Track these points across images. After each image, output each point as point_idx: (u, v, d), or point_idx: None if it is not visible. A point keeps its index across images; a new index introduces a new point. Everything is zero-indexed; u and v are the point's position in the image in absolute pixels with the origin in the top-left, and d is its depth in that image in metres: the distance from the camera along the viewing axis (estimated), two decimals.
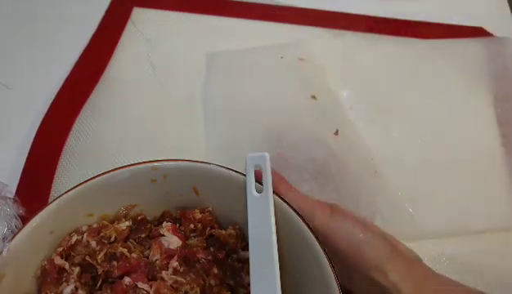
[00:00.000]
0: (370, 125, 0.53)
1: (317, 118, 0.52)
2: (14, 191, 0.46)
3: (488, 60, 0.59)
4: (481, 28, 0.64)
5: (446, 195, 0.48)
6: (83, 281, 0.35)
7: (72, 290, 0.34)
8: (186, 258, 0.36)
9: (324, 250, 0.32)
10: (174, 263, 0.35)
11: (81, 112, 0.53)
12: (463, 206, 0.47)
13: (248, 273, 0.35)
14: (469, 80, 0.57)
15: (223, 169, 0.37)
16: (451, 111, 0.55)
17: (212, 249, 0.37)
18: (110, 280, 0.34)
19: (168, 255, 0.35)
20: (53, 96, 0.55)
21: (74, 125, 0.52)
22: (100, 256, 0.35)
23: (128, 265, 0.34)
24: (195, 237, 0.38)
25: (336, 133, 0.50)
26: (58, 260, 0.34)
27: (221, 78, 0.57)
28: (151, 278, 0.34)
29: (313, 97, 0.54)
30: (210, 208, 0.39)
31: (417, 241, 0.45)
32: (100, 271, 0.34)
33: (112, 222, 0.38)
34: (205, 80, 0.57)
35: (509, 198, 0.48)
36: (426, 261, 0.44)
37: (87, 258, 0.35)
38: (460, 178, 0.49)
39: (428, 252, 0.45)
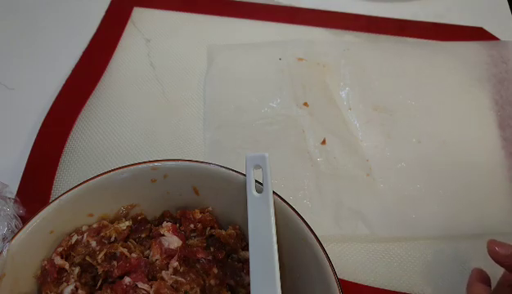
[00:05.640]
0: (369, 125, 0.53)
1: (304, 129, 0.52)
2: (15, 191, 0.46)
3: (490, 64, 0.58)
4: (481, 28, 0.64)
5: (444, 198, 0.48)
6: (83, 281, 0.35)
7: (72, 290, 0.34)
8: (186, 258, 0.36)
9: (324, 250, 0.32)
10: (174, 263, 0.35)
11: (81, 112, 0.54)
12: (461, 209, 0.47)
13: (248, 273, 0.36)
14: (470, 82, 0.57)
15: (223, 169, 0.37)
16: (450, 113, 0.55)
17: (212, 249, 0.37)
18: (110, 280, 0.34)
19: (168, 255, 0.35)
20: (54, 97, 0.55)
21: (75, 125, 0.52)
22: (100, 256, 0.35)
23: (128, 264, 0.34)
24: (195, 237, 0.38)
25: (324, 142, 0.50)
26: (58, 260, 0.34)
27: (220, 79, 0.57)
28: (151, 278, 0.34)
29: (305, 104, 0.54)
30: (210, 208, 0.39)
31: (410, 242, 0.45)
32: (100, 271, 0.34)
33: (112, 222, 0.38)
34: (205, 80, 0.57)
35: (509, 202, 0.48)
36: (424, 261, 0.44)
37: (87, 258, 0.35)
38: (458, 181, 0.49)
39: (423, 254, 0.45)
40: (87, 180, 0.36)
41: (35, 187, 0.47)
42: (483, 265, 0.42)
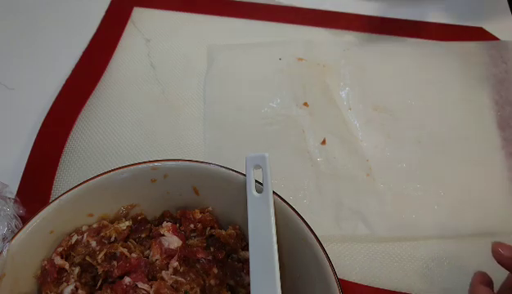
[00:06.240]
0: (369, 125, 0.53)
1: (304, 129, 0.52)
2: (15, 191, 0.46)
3: (489, 64, 0.58)
4: (481, 28, 0.64)
5: (444, 198, 0.48)
6: (83, 281, 0.35)
7: (72, 290, 0.34)
8: (186, 258, 0.36)
9: (324, 250, 0.32)
10: (174, 263, 0.35)
11: (82, 112, 0.54)
12: (461, 209, 0.47)
13: (248, 273, 0.36)
14: (470, 83, 0.57)
15: (223, 169, 0.37)
16: (450, 113, 0.55)
17: (212, 249, 0.37)
18: (110, 280, 0.34)
19: (168, 255, 0.35)
20: (54, 97, 0.55)
21: (75, 125, 0.52)
22: (100, 256, 0.35)
23: (128, 265, 0.34)
24: (195, 237, 0.38)
25: (324, 142, 0.50)
26: (58, 260, 0.35)
27: (220, 79, 0.57)
28: (151, 278, 0.34)
29: (305, 104, 0.54)
30: (210, 208, 0.39)
31: (410, 242, 0.45)
32: (100, 271, 0.34)
33: (112, 222, 0.38)
34: (205, 80, 0.57)
35: (509, 202, 0.48)
36: (424, 261, 0.44)
37: (87, 258, 0.35)
38: (458, 181, 0.49)
39: (423, 254, 0.45)
40: (87, 180, 0.36)
41: (35, 187, 0.47)
42: (484, 265, 0.42)
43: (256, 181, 0.35)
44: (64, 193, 0.35)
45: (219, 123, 0.53)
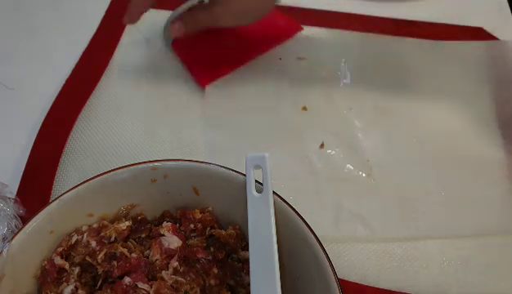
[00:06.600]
0: (369, 125, 0.53)
1: (303, 133, 0.52)
2: (15, 191, 0.46)
3: (490, 63, 0.58)
4: (481, 28, 0.64)
5: (444, 198, 0.48)
6: (83, 281, 0.35)
7: (72, 290, 0.34)
8: (186, 258, 0.36)
9: (324, 250, 0.32)
10: (174, 263, 0.35)
11: (82, 112, 0.54)
12: (461, 209, 0.47)
13: (248, 273, 0.36)
14: (470, 82, 0.57)
15: (223, 169, 0.37)
16: (450, 113, 0.55)
17: (212, 249, 0.37)
18: (110, 280, 0.34)
19: (168, 255, 0.35)
20: (54, 97, 0.55)
21: (75, 125, 0.52)
22: (100, 256, 0.35)
23: (128, 265, 0.34)
24: (195, 237, 0.38)
25: (322, 146, 0.50)
26: (58, 260, 0.35)
27: (220, 78, 0.57)
28: (151, 278, 0.34)
29: (304, 108, 0.54)
30: (210, 208, 0.39)
31: (410, 242, 0.45)
32: (100, 271, 0.34)
33: (112, 222, 0.38)
34: None
35: (509, 202, 0.48)
36: (424, 261, 0.44)
37: (87, 258, 0.35)
38: (458, 181, 0.49)
39: (423, 254, 0.44)
40: (87, 180, 0.36)
41: (35, 187, 0.47)
42: (484, 265, 0.42)
43: (256, 181, 0.35)
44: (64, 193, 0.35)
45: (219, 123, 0.53)
